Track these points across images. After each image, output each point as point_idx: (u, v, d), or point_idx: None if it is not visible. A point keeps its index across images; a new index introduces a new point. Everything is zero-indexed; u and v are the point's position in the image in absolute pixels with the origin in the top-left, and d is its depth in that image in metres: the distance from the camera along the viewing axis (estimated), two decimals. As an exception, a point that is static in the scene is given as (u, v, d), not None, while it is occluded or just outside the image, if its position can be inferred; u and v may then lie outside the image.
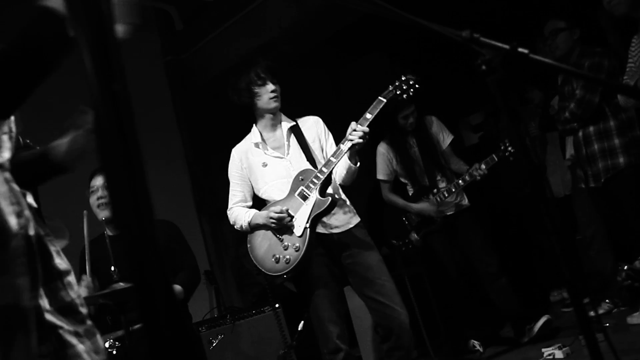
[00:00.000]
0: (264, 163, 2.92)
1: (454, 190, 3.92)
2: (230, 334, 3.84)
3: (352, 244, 2.84)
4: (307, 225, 2.74)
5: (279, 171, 2.90)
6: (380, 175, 4.26)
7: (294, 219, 2.76)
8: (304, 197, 2.78)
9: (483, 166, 3.78)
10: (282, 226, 2.76)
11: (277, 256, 2.77)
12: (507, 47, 1.32)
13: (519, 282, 4.73)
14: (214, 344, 3.76)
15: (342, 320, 2.84)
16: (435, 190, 4.00)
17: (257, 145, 2.94)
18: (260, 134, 2.96)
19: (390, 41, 5.65)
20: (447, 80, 5.45)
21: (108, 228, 3.14)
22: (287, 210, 2.75)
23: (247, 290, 5.02)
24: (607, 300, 3.93)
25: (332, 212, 2.81)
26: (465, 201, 4.09)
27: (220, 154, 5.28)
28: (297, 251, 2.73)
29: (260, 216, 2.83)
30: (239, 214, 2.92)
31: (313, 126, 3.01)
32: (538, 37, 4.31)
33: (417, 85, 2.83)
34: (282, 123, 2.98)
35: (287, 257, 2.74)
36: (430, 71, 5.63)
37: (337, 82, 6.29)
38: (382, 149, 4.22)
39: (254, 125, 3.01)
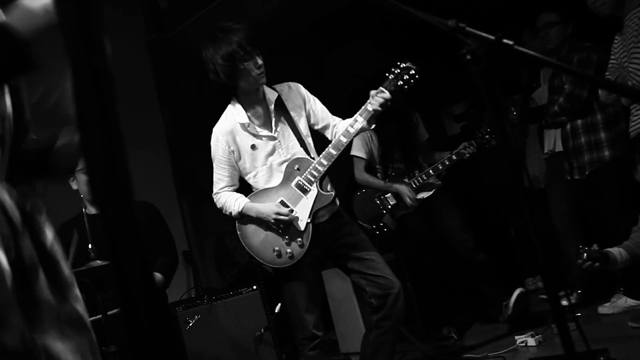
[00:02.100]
0: (252, 145, 2.74)
1: (432, 173, 3.94)
2: (208, 314, 3.85)
3: (335, 228, 2.78)
4: (309, 219, 2.68)
5: (268, 153, 2.75)
6: (356, 152, 4.12)
7: (295, 213, 2.68)
8: (304, 190, 2.69)
9: (454, 156, 3.88)
10: (285, 225, 2.68)
11: (279, 250, 2.68)
12: (492, 37, 1.33)
13: (494, 268, 4.80)
14: (191, 324, 3.76)
15: (319, 308, 2.79)
16: (411, 174, 4.01)
17: (244, 125, 2.73)
18: (245, 112, 2.74)
19: (376, 29, 5.65)
20: (431, 70, 5.46)
21: (88, 205, 3.09)
22: (288, 207, 2.67)
23: (226, 270, 5.02)
24: (579, 291, 4.01)
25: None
26: (438, 182, 4.07)
27: (202, 135, 5.24)
28: (301, 247, 2.67)
29: (255, 210, 2.70)
30: (227, 199, 2.77)
31: (295, 94, 2.83)
32: (525, 28, 4.35)
33: (417, 76, 2.74)
34: (267, 96, 2.76)
35: (290, 251, 2.67)
36: (413, 60, 5.65)
37: (321, 68, 6.27)
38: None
39: (234, 99, 2.77)
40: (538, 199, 4.45)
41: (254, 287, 4.04)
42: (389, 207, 4.06)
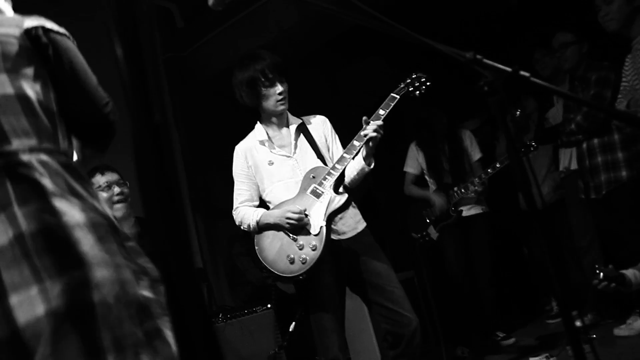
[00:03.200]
0: (270, 161, 2.79)
1: (470, 186, 4.19)
2: (222, 332, 3.87)
3: (360, 251, 2.75)
4: (323, 223, 2.62)
5: (285, 170, 2.78)
6: (406, 167, 4.63)
7: (308, 217, 2.65)
8: (317, 195, 2.67)
9: (490, 170, 4.14)
10: (298, 227, 2.64)
11: (292, 256, 2.63)
12: (509, 69, 1.35)
13: (513, 290, 4.85)
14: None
15: (344, 330, 2.74)
16: (455, 188, 4.27)
17: (262, 142, 2.82)
18: (266, 132, 2.84)
19: (389, 45, 5.69)
20: (444, 86, 5.49)
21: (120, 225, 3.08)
22: (302, 210, 2.63)
23: (240, 289, 5.05)
24: (594, 312, 3.98)
25: (340, 216, 2.73)
26: (484, 207, 4.39)
27: (217, 152, 5.31)
28: (314, 250, 2.60)
29: (271, 215, 2.70)
30: (246, 213, 2.78)
31: (320, 126, 2.91)
32: (537, 46, 4.37)
33: (428, 83, 2.86)
34: (289, 122, 2.87)
35: (304, 256, 2.61)
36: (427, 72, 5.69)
37: (334, 84, 6.31)
38: (413, 146, 4.60)
39: (258, 122, 2.89)
40: (550, 215, 4.46)
41: (269, 305, 4.06)
42: (433, 218, 4.34)
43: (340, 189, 2.73)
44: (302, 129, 2.87)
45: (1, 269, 1.10)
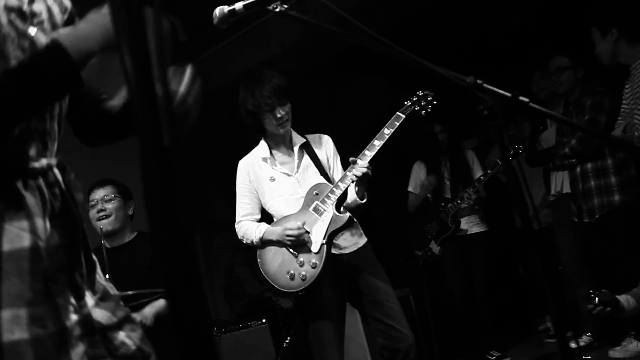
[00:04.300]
0: (271, 177, 2.83)
1: (465, 196, 4.28)
2: (217, 346, 3.86)
3: (360, 265, 2.78)
4: (324, 241, 2.66)
5: (286, 188, 2.82)
6: (410, 188, 4.72)
7: (309, 235, 2.68)
8: (319, 213, 2.70)
9: (482, 177, 4.28)
10: (298, 243, 2.67)
11: (292, 272, 2.67)
12: (508, 95, 1.37)
13: (506, 308, 4.86)
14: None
15: (342, 344, 2.75)
16: (453, 201, 4.36)
17: (265, 159, 2.86)
18: (270, 149, 2.89)
19: (389, 64, 5.74)
20: (444, 105, 5.53)
21: (106, 241, 3.09)
22: (303, 226, 2.67)
23: (235, 301, 5.04)
24: (588, 333, 3.99)
25: (341, 232, 2.76)
26: (485, 226, 4.48)
27: (215, 166, 5.33)
28: (314, 268, 2.64)
29: (273, 232, 2.73)
30: (249, 228, 2.81)
31: (323, 145, 2.95)
32: (537, 69, 4.41)
33: (435, 102, 2.88)
34: (293, 140, 2.91)
35: (303, 273, 2.65)
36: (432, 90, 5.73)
37: (334, 100, 6.35)
38: (417, 165, 4.72)
39: (262, 138, 2.93)
40: (543, 237, 4.48)
41: (263, 320, 4.05)
42: (434, 233, 4.40)
43: (342, 208, 2.77)
44: (306, 148, 2.90)
45: None
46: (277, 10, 1.59)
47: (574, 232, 3.97)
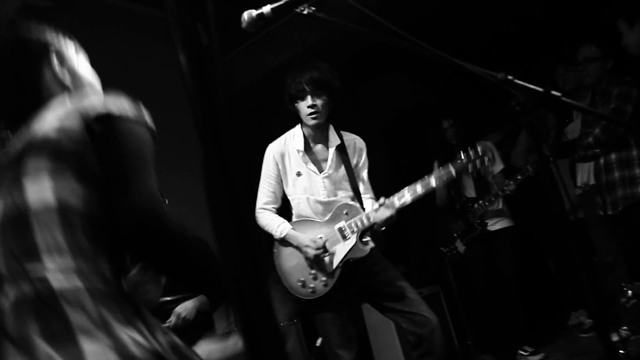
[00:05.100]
0: (298, 172, 2.82)
1: (494, 199, 4.26)
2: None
3: (370, 265, 2.79)
4: (340, 264, 2.69)
5: (309, 187, 2.81)
6: None
7: (328, 253, 2.71)
8: (343, 236, 2.72)
9: (512, 182, 4.13)
10: (316, 261, 2.71)
11: (304, 281, 2.72)
12: (540, 90, 1.37)
13: (537, 303, 4.83)
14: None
15: (354, 343, 2.76)
16: (480, 202, 4.31)
17: (299, 151, 2.83)
18: (304, 140, 2.84)
19: (410, 61, 5.72)
20: (466, 100, 5.50)
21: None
22: (324, 245, 2.69)
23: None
24: (624, 327, 3.92)
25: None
26: (509, 221, 4.44)
27: (240, 167, 5.36)
28: (324, 286, 2.69)
29: (294, 238, 2.75)
30: (271, 221, 2.82)
31: (356, 152, 2.91)
32: (561, 61, 4.36)
33: (486, 164, 2.76)
34: (330, 139, 2.86)
35: (313, 287, 2.70)
36: (448, 91, 5.70)
37: (356, 98, 6.35)
38: (435, 164, 4.62)
39: (299, 125, 2.88)
40: (579, 229, 4.43)
41: (294, 320, 4.07)
42: (460, 232, 4.39)
43: (366, 238, 2.77)
44: (342, 150, 2.86)
45: None
46: (305, 12, 1.60)
47: (606, 224, 3.91)
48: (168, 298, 2.87)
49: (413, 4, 4.49)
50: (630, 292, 2.53)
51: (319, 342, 3.99)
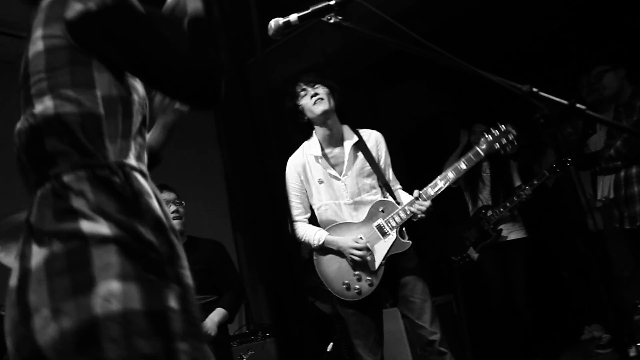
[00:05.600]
0: (320, 180, 2.84)
1: (508, 205, 4.23)
2: (261, 350, 3.89)
3: (399, 264, 2.79)
4: (383, 262, 2.71)
5: (332, 193, 2.83)
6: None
7: (370, 252, 2.72)
8: (383, 233, 2.74)
9: (527, 187, 4.12)
10: (360, 262, 2.72)
11: (348, 283, 2.73)
12: (565, 102, 1.38)
13: (550, 316, 4.78)
14: (244, 360, 3.81)
15: (379, 347, 2.77)
16: (494, 209, 4.31)
17: (317, 158, 2.85)
18: (321, 145, 2.86)
19: (429, 69, 5.73)
20: (483, 110, 5.49)
21: None
22: (366, 245, 2.70)
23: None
24: (638, 344, 3.88)
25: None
26: (524, 232, 4.40)
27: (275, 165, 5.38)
28: (370, 286, 2.71)
29: (335, 243, 2.76)
30: (307, 232, 2.84)
31: (374, 146, 2.91)
32: (583, 75, 4.35)
33: (515, 142, 2.78)
34: (345, 138, 2.87)
35: (359, 288, 2.72)
36: (465, 101, 5.70)
37: (375, 106, 6.37)
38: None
39: (313, 133, 2.91)
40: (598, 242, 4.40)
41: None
42: (473, 240, 4.38)
43: (407, 237, 2.80)
44: (361, 148, 2.86)
45: (29, 291, 1.10)
46: (332, 21, 1.62)
47: (623, 238, 3.88)
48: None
49: (433, 12, 4.51)
50: (644, 309, 2.50)
51: (329, 347, 4.00)
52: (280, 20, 1.77)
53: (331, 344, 4.03)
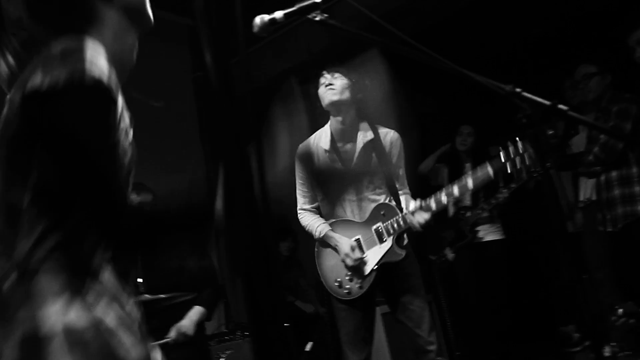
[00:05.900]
0: (325, 173, 2.83)
1: (485, 207, 4.26)
2: (240, 349, 3.88)
3: (402, 269, 2.77)
4: (375, 267, 2.69)
5: (337, 187, 2.81)
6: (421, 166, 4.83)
7: (364, 256, 2.71)
8: (380, 238, 2.71)
9: (505, 190, 4.11)
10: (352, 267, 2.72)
11: (340, 281, 2.73)
12: (547, 103, 1.39)
13: (528, 315, 4.82)
14: (222, 359, 3.79)
15: (366, 345, 2.76)
16: (471, 210, 4.34)
17: (326, 151, 2.80)
18: (333, 138, 2.81)
19: (414, 69, 5.73)
20: (471, 112, 5.53)
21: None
22: (361, 247, 2.71)
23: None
24: (612, 343, 3.94)
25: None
26: (501, 234, 4.44)
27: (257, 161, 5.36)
28: (360, 289, 2.70)
29: (333, 239, 2.75)
30: (311, 222, 2.83)
31: (388, 145, 2.81)
32: (567, 78, 4.40)
33: (529, 160, 2.46)
34: (359, 135, 2.79)
35: (348, 288, 2.71)
36: (454, 104, 5.73)
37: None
38: (441, 166, 4.76)
39: (328, 123, 2.86)
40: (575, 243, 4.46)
41: (285, 324, 4.07)
42: (450, 240, 4.42)
43: (404, 245, 2.76)
44: (376, 146, 2.78)
45: None
46: (318, 19, 1.62)
47: (602, 240, 3.94)
48: (162, 296, 2.87)
49: (421, 13, 4.52)
50: (621, 310, 2.54)
51: (308, 346, 3.99)
52: (266, 17, 1.76)
53: (310, 343, 4.03)
